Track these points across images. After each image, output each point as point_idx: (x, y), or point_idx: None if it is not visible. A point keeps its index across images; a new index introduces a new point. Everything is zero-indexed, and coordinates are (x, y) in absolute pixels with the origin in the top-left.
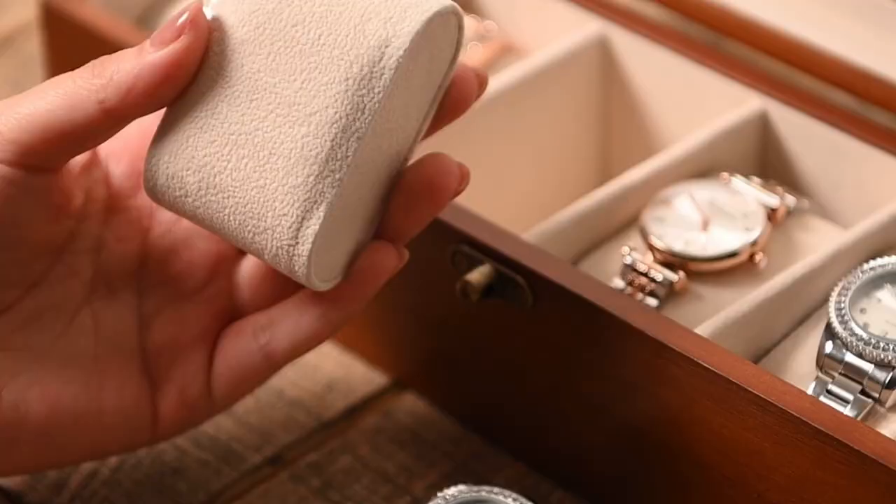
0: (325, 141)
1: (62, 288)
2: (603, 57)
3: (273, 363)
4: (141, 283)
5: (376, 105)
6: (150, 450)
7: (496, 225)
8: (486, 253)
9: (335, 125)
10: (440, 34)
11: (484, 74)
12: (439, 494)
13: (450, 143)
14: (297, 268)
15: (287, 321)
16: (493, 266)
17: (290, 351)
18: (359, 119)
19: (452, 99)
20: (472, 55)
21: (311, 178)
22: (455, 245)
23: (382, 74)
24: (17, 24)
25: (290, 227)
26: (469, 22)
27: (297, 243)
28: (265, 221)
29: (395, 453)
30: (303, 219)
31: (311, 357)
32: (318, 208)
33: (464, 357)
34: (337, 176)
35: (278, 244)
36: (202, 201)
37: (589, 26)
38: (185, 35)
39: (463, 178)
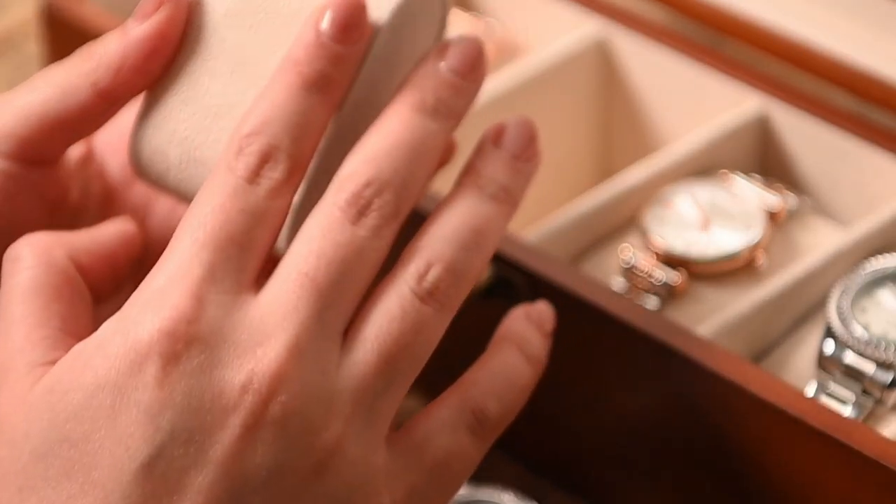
0: None
1: None
2: (602, 57)
3: None
4: (138, 275)
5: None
6: None
7: None
8: None
9: None
10: (424, 11)
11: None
12: None
13: None
14: (278, 241)
15: None
16: (493, 266)
17: None
18: None
19: None
20: None
21: None
22: None
23: None
24: (17, 24)
25: None
26: (469, 21)
27: None
28: None
29: None
30: None
31: None
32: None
33: (464, 357)
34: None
35: None
36: (184, 175)
37: (588, 26)
38: (165, 6)
39: (450, 151)
